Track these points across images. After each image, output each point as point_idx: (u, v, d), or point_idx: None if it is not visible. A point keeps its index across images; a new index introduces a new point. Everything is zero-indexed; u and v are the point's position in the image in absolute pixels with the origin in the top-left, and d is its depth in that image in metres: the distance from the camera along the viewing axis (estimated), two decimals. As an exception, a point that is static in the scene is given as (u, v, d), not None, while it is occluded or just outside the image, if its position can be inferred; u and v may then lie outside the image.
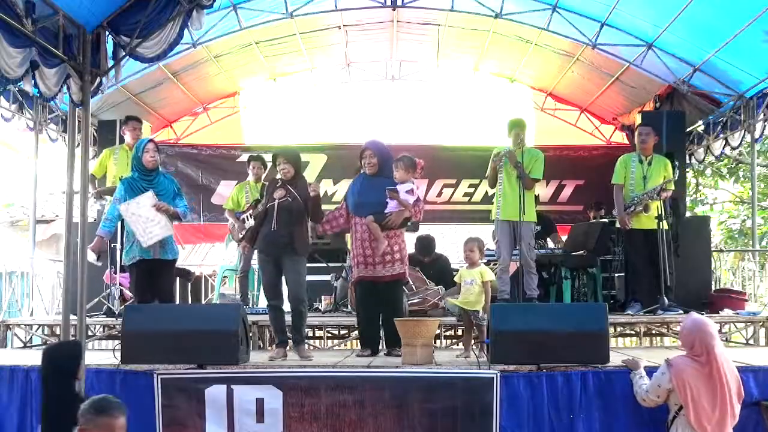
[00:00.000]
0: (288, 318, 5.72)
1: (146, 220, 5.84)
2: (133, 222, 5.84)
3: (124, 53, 5.20)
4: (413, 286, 7.09)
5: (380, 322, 5.81)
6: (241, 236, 7.87)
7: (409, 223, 5.85)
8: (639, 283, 7.28)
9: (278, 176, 5.64)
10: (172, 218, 5.99)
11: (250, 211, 7.79)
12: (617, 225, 7.45)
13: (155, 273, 6.02)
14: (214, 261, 11.77)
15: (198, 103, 11.28)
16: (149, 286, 6.04)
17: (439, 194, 10.91)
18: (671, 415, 4.40)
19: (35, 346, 7.47)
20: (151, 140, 6.18)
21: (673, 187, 7.19)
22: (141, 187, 5.97)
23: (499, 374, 4.62)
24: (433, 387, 4.66)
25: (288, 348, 5.62)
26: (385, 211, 5.60)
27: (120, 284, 7.23)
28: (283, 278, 5.65)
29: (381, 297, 5.72)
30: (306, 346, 5.78)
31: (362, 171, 5.83)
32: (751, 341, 7.08)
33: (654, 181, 7.15)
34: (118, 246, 6.56)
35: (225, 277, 8.81)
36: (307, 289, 5.75)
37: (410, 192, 5.60)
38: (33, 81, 4.60)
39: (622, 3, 8.10)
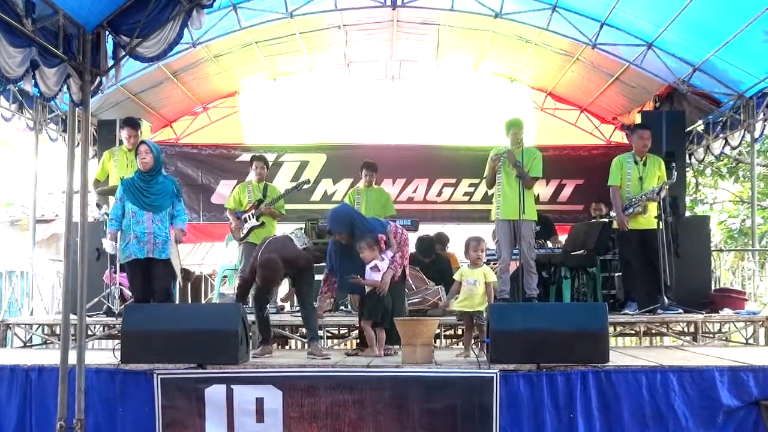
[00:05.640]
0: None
1: None
2: None
3: (124, 53, 5.19)
4: (413, 286, 7.09)
5: None
6: (241, 236, 7.89)
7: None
8: (635, 283, 7.29)
9: None
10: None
11: (252, 211, 7.82)
12: (616, 225, 7.45)
13: (152, 273, 6.24)
14: (214, 260, 11.79)
15: (198, 103, 11.27)
16: (146, 285, 6.24)
17: (439, 194, 10.91)
18: None
19: (35, 345, 7.48)
20: (143, 142, 6.28)
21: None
22: (138, 187, 6.20)
23: (498, 374, 4.62)
24: (433, 387, 4.66)
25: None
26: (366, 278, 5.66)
27: (120, 284, 7.24)
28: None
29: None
30: (320, 342, 5.94)
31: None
32: (751, 341, 7.09)
33: (649, 182, 7.19)
34: (118, 246, 6.58)
35: (225, 276, 8.81)
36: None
37: (374, 268, 5.62)
38: (33, 81, 4.59)
39: (622, 3, 8.09)
